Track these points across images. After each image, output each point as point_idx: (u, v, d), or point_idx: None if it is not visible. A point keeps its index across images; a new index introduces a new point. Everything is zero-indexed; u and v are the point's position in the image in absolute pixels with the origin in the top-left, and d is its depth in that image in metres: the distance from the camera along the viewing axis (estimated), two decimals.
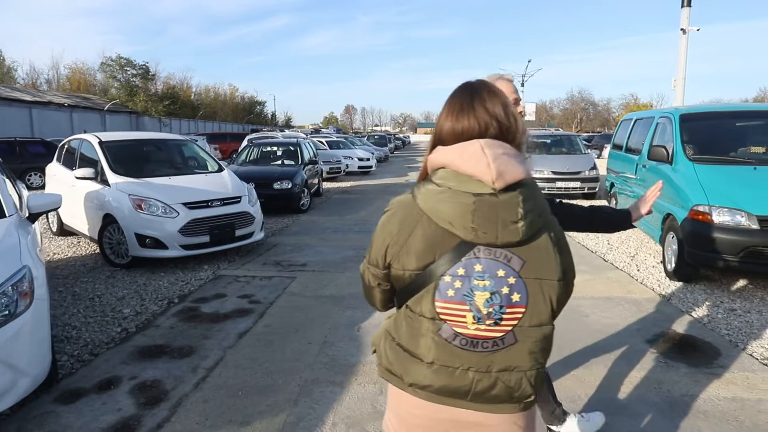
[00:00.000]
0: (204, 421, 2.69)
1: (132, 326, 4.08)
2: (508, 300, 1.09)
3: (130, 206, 5.60)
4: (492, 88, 1.15)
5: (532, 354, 1.14)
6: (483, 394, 1.13)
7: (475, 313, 1.10)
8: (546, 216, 1.13)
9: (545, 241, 1.11)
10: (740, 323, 4.11)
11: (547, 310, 1.13)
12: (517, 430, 1.19)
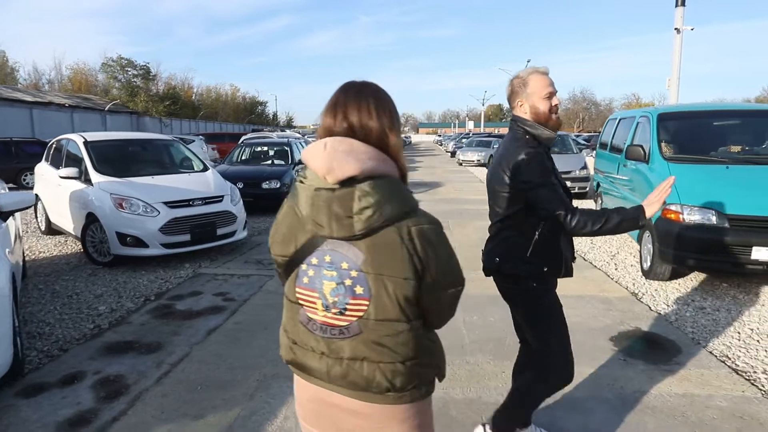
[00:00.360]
0: (159, 415, 2.75)
1: (105, 323, 4.14)
2: (352, 292, 1.14)
3: (111, 205, 5.66)
4: (364, 89, 1.19)
5: (382, 347, 1.16)
6: (341, 379, 1.18)
7: (323, 300, 1.17)
8: (398, 212, 1.11)
9: (392, 238, 1.11)
10: (707, 321, 4.14)
11: (394, 307, 1.14)
12: (395, 423, 1.22)
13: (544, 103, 2.05)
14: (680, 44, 16.37)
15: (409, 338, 1.18)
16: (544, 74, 2.08)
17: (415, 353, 1.19)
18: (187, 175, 6.71)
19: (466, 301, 4.49)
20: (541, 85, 2.05)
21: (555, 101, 2.07)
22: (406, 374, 1.19)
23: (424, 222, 1.15)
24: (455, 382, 3.09)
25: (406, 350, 1.18)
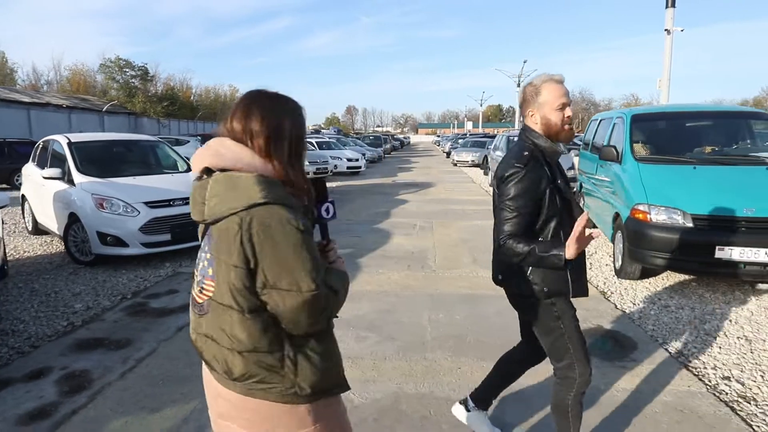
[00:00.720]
0: (117, 408, 2.83)
1: (79, 320, 4.23)
2: (206, 272, 1.27)
3: (92, 205, 5.75)
4: (248, 101, 1.29)
5: (224, 332, 1.24)
6: (203, 354, 1.31)
7: (197, 278, 1.31)
8: (243, 203, 1.18)
9: (232, 225, 1.18)
10: (669, 319, 4.23)
11: (227, 294, 1.21)
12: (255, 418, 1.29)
13: (556, 114, 1.96)
14: (671, 45, 16.45)
15: (242, 329, 1.22)
16: (559, 83, 1.99)
17: (252, 346, 1.23)
18: (170, 176, 6.79)
19: (435, 300, 4.62)
20: (554, 95, 1.96)
21: (568, 112, 1.98)
22: (244, 365, 1.24)
23: (271, 217, 1.18)
24: (410, 378, 3.17)
25: (241, 341, 1.23)
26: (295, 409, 1.30)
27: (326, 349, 1.34)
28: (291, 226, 1.18)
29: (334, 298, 1.29)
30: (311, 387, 1.28)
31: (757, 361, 3.44)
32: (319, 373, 1.30)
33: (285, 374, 1.26)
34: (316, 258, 1.23)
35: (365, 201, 11.80)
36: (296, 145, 1.30)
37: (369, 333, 3.88)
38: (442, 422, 2.68)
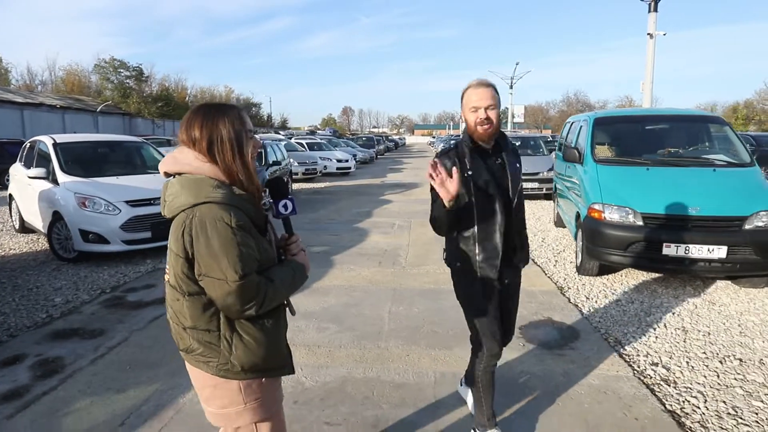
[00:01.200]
0: (86, 389, 3.06)
1: (57, 313, 4.45)
2: (167, 260, 1.52)
3: (74, 204, 5.97)
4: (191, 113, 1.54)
5: (174, 311, 1.52)
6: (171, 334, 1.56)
7: None
8: (191, 201, 1.40)
9: (180, 219, 1.43)
10: (616, 312, 4.48)
11: (175, 278, 1.46)
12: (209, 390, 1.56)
13: (471, 116, 2.21)
14: (653, 49, 16.77)
15: (184, 309, 1.47)
16: (477, 87, 2.20)
17: (192, 324, 1.47)
18: (152, 176, 7.00)
19: (398, 294, 4.85)
20: (469, 99, 2.22)
21: (482, 114, 2.16)
22: (187, 339, 1.50)
23: (206, 214, 1.38)
24: (361, 364, 3.41)
25: (184, 318, 1.49)
26: (228, 383, 1.52)
27: (262, 333, 1.51)
28: (223, 223, 1.37)
29: (269, 289, 1.45)
30: (242, 365, 1.49)
31: (687, 350, 3.70)
32: (251, 354, 1.49)
33: (221, 351, 1.48)
34: (246, 252, 1.39)
35: (350, 201, 12.03)
36: (238, 147, 1.48)
37: (330, 324, 4.12)
38: (383, 402, 2.92)
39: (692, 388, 3.15)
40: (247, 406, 1.56)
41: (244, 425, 1.58)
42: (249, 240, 1.42)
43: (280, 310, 1.60)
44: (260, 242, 1.48)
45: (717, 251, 4.59)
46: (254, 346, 1.50)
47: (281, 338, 1.60)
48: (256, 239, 1.46)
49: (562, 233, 7.99)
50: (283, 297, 1.55)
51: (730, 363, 3.49)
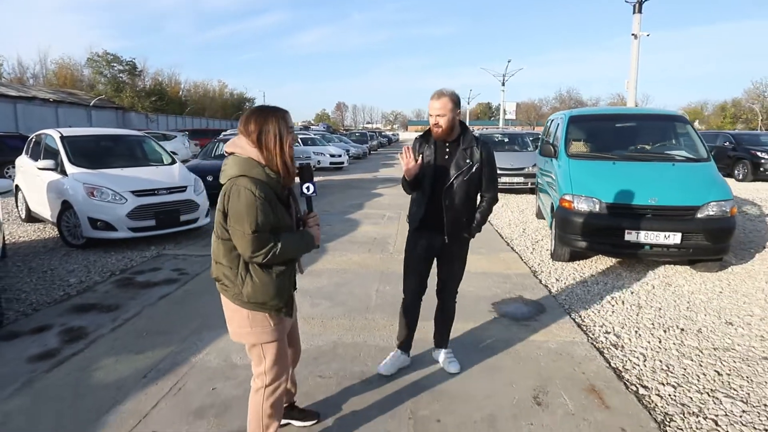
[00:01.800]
0: (110, 351, 3.50)
1: (74, 291, 4.87)
2: None
3: (83, 193, 6.37)
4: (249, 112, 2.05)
5: (213, 248, 2.06)
6: None
7: None
8: (234, 173, 1.95)
9: (227, 185, 1.97)
10: (581, 292, 4.97)
11: (218, 226, 2.02)
12: (229, 312, 2.11)
13: (430, 119, 2.91)
14: (637, 49, 17.31)
15: (218, 248, 2.05)
16: (433, 99, 2.87)
17: (221, 260, 2.05)
18: (155, 168, 7.42)
19: (385, 276, 5.31)
20: (429, 107, 2.91)
21: (432, 120, 2.87)
22: (217, 271, 2.08)
23: (239, 183, 1.92)
24: (350, 332, 3.88)
25: (217, 255, 2.06)
26: (240, 310, 2.06)
27: (268, 278, 2.00)
28: (250, 192, 1.89)
29: (275, 246, 1.94)
30: (248, 298, 2.01)
31: (638, 322, 4.20)
32: (256, 291, 2.00)
33: (236, 284, 2.02)
34: (262, 216, 1.89)
35: (343, 194, 12.48)
36: (279, 139, 1.98)
37: (323, 300, 4.58)
38: (368, 360, 3.39)
39: (636, 350, 3.64)
40: (252, 330, 2.08)
41: (251, 345, 2.12)
42: (267, 208, 1.92)
43: (288, 266, 2.10)
44: (279, 212, 1.98)
45: (672, 237, 5.10)
46: (259, 287, 2.00)
47: (284, 287, 2.08)
48: (276, 209, 1.96)
49: (542, 225, 8.49)
50: (288, 255, 2.03)
51: (673, 332, 3.99)
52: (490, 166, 3.00)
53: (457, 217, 2.97)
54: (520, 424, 2.68)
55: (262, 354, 2.12)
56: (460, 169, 2.91)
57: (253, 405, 2.18)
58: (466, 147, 2.94)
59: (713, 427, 2.70)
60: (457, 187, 2.91)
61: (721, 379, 3.24)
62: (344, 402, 2.89)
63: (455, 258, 3.10)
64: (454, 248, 3.05)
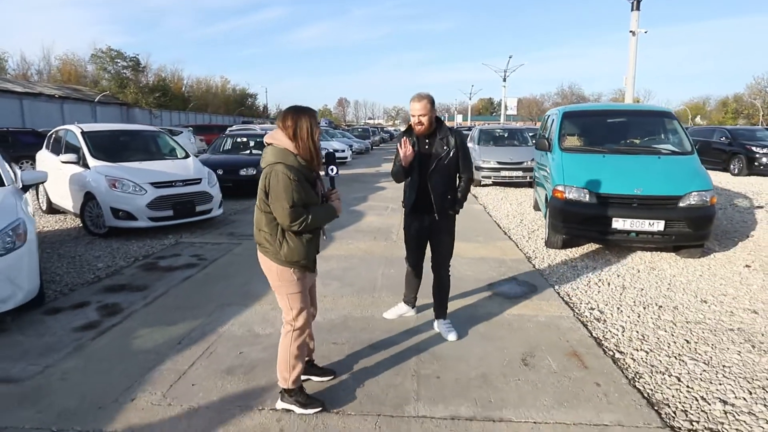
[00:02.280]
0: (145, 323, 3.92)
1: (103, 274, 5.30)
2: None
3: (106, 185, 6.79)
4: (286, 110, 2.51)
5: (255, 219, 2.53)
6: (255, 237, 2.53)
7: None
8: (272, 160, 2.45)
9: (267, 170, 2.48)
10: (571, 275, 5.38)
11: (260, 202, 2.52)
12: (266, 270, 2.59)
13: (412, 118, 3.52)
14: (635, 45, 17.59)
15: (261, 218, 2.56)
16: (413, 101, 3.47)
17: (263, 228, 2.56)
18: (171, 161, 7.83)
19: (389, 261, 5.73)
20: (411, 108, 3.52)
21: (414, 120, 3.49)
22: (260, 237, 2.55)
23: (277, 169, 2.44)
24: (358, 307, 4.30)
25: (260, 223, 2.57)
26: (277, 267, 2.59)
27: (300, 243, 2.55)
28: (284, 175, 2.40)
29: (308, 217, 2.46)
30: (284, 257, 2.55)
31: (621, 300, 4.60)
32: (290, 253, 2.54)
33: (275, 246, 2.54)
34: (296, 194, 2.40)
35: (347, 188, 12.87)
36: (310, 133, 2.48)
37: (333, 281, 5.00)
38: (375, 330, 3.81)
39: (616, 323, 4.05)
40: (281, 284, 2.61)
41: (281, 295, 2.64)
42: (299, 188, 2.43)
43: (315, 233, 2.59)
44: (308, 191, 2.48)
45: (656, 225, 5.50)
46: (293, 249, 2.55)
47: (311, 251, 2.61)
48: (305, 188, 2.45)
49: (538, 216, 8.87)
50: (316, 224, 2.54)
51: (651, 309, 4.39)
52: (464, 151, 3.60)
53: (443, 196, 3.54)
54: (509, 380, 3.09)
55: (289, 304, 2.64)
56: (440, 155, 3.53)
57: (283, 347, 2.68)
58: (443, 137, 3.54)
59: (675, 383, 3.11)
60: (440, 170, 3.52)
61: (689, 346, 3.65)
62: (356, 363, 3.31)
63: (443, 232, 3.69)
64: (442, 224, 3.64)
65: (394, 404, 2.82)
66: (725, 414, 2.79)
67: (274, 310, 4.18)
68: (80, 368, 3.20)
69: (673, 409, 2.83)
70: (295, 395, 2.72)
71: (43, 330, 3.81)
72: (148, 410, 2.74)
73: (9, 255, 3.73)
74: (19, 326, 3.87)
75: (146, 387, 2.98)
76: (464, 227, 7.60)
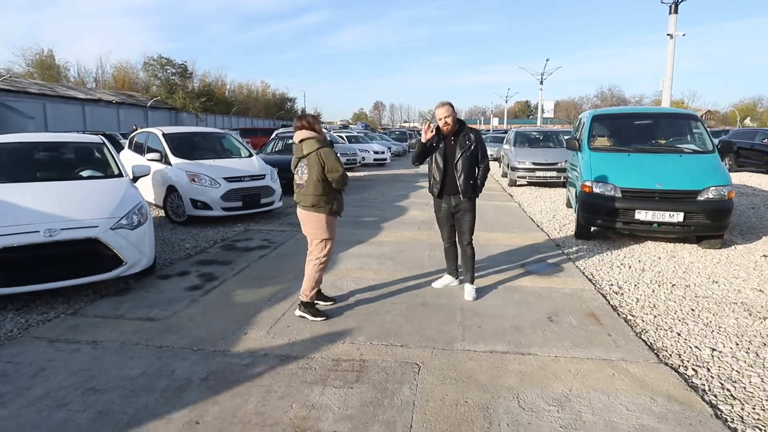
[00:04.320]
0: (238, 286, 4.87)
1: (192, 252, 6.31)
2: (304, 172, 3.76)
3: (186, 180, 7.87)
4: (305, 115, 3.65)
5: (310, 188, 3.80)
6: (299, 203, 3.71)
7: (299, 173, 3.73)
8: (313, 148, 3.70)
9: (313, 156, 3.78)
10: (597, 259, 6.04)
11: (315, 175, 3.77)
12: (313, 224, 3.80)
13: (439, 121, 4.40)
14: (673, 48, 17.82)
15: (317, 185, 3.82)
16: (438, 108, 4.38)
17: (317, 193, 3.82)
18: (238, 159, 8.88)
19: (434, 246, 6.56)
20: (437, 113, 4.41)
21: (442, 122, 4.36)
22: (314, 200, 3.84)
23: (326, 149, 3.76)
24: (411, 279, 5.12)
25: (317, 190, 3.82)
26: (321, 219, 3.94)
27: (341, 197, 3.96)
28: (332, 152, 3.81)
29: (347, 177, 3.82)
30: (331, 209, 3.91)
31: (639, 280, 5.25)
32: (339, 204, 3.99)
33: (329, 202, 3.75)
34: (341, 164, 3.81)
35: (389, 186, 13.75)
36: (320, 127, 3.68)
37: (387, 261, 5.84)
38: (426, 294, 4.63)
39: (632, 296, 4.73)
40: (327, 229, 3.94)
41: (319, 239, 3.88)
42: (340, 159, 3.53)
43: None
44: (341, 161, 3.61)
45: (676, 216, 6.09)
46: (341, 202, 3.99)
47: (342, 203, 3.76)
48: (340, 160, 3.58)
49: (570, 213, 9.47)
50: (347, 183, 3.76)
51: (666, 286, 5.03)
52: (481, 144, 4.49)
53: (466, 181, 4.38)
54: (537, 330, 3.85)
55: (325, 245, 3.98)
56: (463, 149, 4.40)
57: (309, 272, 4.05)
58: (464, 134, 4.44)
59: (675, 336, 3.79)
60: (464, 160, 4.38)
61: (693, 312, 4.30)
62: (413, 314, 4.13)
63: (466, 212, 4.55)
64: (466, 205, 4.51)
65: (445, 342, 3.63)
66: (712, 357, 3.46)
67: (340, 280, 5.06)
68: (200, 314, 4.16)
69: (670, 353, 3.52)
70: (309, 308, 4.05)
71: (162, 289, 4.81)
72: (258, 340, 3.65)
73: (137, 229, 4.75)
74: (142, 286, 4.89)
75: (253, 327, 3.89)
76: (500, 221, 8.34)
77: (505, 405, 2.83)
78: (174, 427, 2.60)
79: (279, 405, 2.81)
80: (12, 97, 27.80)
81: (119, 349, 3.52)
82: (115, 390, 2.96)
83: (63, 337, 3.72)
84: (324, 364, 3.30)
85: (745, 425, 2.69)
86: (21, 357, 3.39)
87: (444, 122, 4.34)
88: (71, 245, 4.32)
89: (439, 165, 4.45)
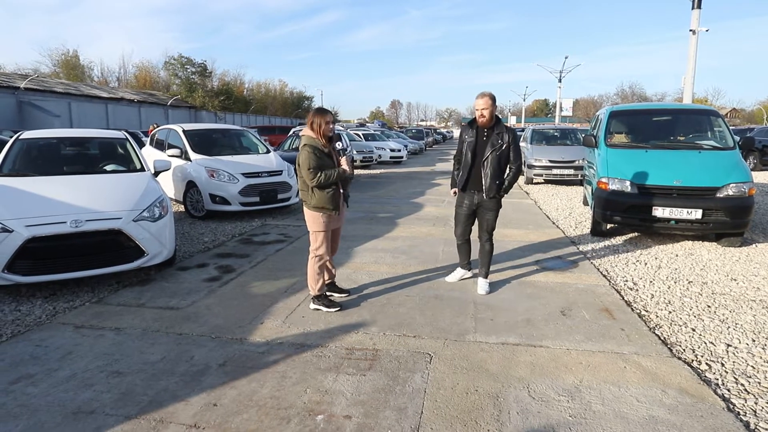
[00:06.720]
0: (254, 278, 4.97)
1: (210, 245, 6.45)
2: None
3: (205, 175, 8.02)
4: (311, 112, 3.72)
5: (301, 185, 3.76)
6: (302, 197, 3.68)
7: None
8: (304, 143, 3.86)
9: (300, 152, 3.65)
10: (612, 256, 6.01)
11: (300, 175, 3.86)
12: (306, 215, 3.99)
13: (476, 112, 4.36)
14: (695, 45, 17.46)
15: (303, 182, 3.88)
16: (478, 98, 4.29)
17: (302, 188, 4.00)
18: (256, 155, 9.02)
19: (447, 241, 6.60)
20: (475, 104, 4.35)
21: (478, 113, 4.32)
22: (302, 194, 4.02)
23: (305, 148, 3.86)
24: (425, 273, 5.16)
25: (302, 186, 3.98)
26: (310, 212, 4.01)
27: (322, 194, 3.88)
28: (305, 151, 3.83)
29: (321, 177, 3.79)
30: (315, 205, 3.94)
31: (655, 276, 5.21)
32: (317, 201, 3.92)
33: (309, 198, 3.89)
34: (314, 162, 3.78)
35: (405, 184, 13.80)
36: (318, 125, 3.79)
37: (401, 255, 5.90)
38: (440, 288, 4.67)
39: (647, 292, 4.70)
40: (313, 222, 4.01)
41: (312, 232, 4.05)
42: (314, 157, 3.80)
43: (334, 188, 3.82)
44: (324, 160, 3.74)
45: (694, 213, 6.02)
46: (318, 199, 3.91)
47: (333, 199, 3.90)
48: (321, 158, 3.71)
49: (586, 210, 9.40)
50: (329, 181, 3.79)
51: (681, 283, 4.99)
52: (515, 145, 4.39)
53: (492, 180, 4.33)
54: (549, 324, 3.87)
55: (315, 238, 4.03)
56: (494, 147, 4.32)
57: (310, 268, 4.10)
58: (499, 132, 4.35)
59: (690, 332, 3.78)
60: (492, 159, 4.30)
61: (709, 309, 4.26)
62: (426, 307, 4.18)
63: (489, 210, 4.48)
64: (489, 203, 4.44)
65: (457, 333, 3.67)
66: (727, 352, 3.44)
67: (355, 273, 5.13)
68: (218, 303, 4.27)
69: (684, 348, 3.51)
70: (321, 299, 4.12)
71: (181, 280, 4.94)
72: (274, 329, 3.74)
73: (159, 222, 4.89)
74: (162, 277, 5.03)
75: (269, 316, 3.98)
76: (516, 218, 8.33)
77: (515, 394, 2.87)
78: (193, 409, 2.70)
79: (293, 390, 2.90)
80: (39, 96, 28.55)
81: (141, 335, 3.64)
82: (137, 373, 3.08)
83: (88, 323, 3.87)
84: (338, 353, 3.37)
85: (758, 419, 2.68)
86: (49, 341, 3.54)
87: (480, 113, 4.28)
88: (96, 236, 4.47)
89: (467, 159, 4.41)
